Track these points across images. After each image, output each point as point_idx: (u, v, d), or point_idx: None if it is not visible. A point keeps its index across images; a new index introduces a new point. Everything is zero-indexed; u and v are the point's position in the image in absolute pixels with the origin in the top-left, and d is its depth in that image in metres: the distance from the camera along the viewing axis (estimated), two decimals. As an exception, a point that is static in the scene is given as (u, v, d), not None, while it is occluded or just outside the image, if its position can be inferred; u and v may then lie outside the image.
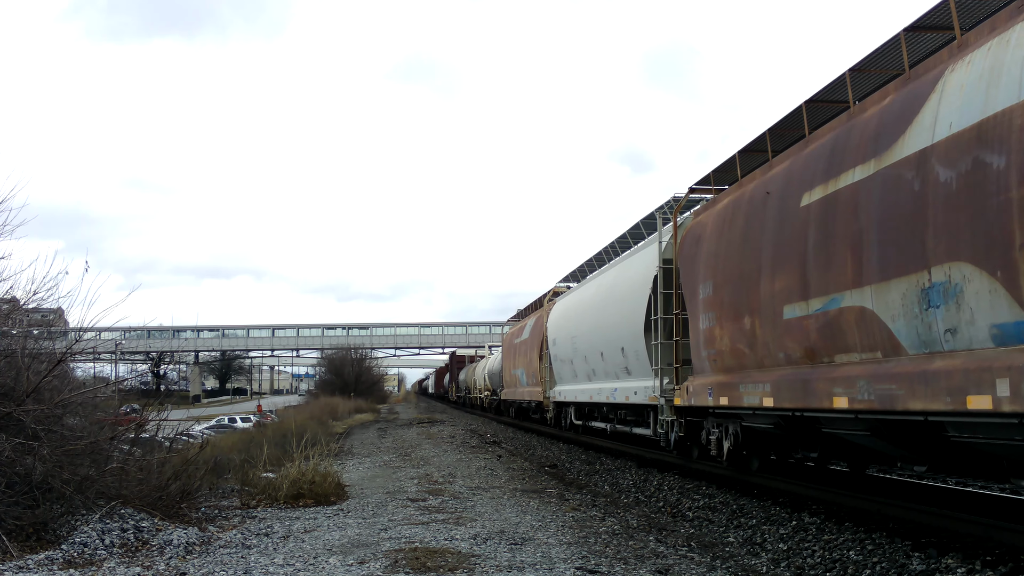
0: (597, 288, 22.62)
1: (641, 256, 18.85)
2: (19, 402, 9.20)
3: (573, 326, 24.56)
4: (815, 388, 9.77)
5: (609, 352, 20.19)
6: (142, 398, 16.23)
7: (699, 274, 13.69)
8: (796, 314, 10.23)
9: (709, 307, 13.14)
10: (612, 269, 22.08)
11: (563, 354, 26.01)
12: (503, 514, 10.68)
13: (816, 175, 10.00)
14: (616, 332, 19.45)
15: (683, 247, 14.79)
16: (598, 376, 21.81)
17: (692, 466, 15.71)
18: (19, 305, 11.86)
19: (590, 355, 22.27)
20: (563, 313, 26.94)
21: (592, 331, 22.00)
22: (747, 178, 12.86)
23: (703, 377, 13.61)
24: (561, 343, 26.25)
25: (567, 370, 25.83)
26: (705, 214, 14.20)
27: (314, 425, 27.75)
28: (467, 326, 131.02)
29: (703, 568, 7.65)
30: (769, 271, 11.04)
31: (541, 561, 7.78)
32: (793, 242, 10.35)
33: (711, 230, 13.44)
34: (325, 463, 13.55)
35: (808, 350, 10.05)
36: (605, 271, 23.34)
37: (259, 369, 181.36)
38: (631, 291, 18.46)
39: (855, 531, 9.44)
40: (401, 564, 7.71)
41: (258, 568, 7.67)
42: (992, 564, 7.54)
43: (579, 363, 23.79)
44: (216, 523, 10.05)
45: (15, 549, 7.88)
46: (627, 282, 19.09)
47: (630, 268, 19.38)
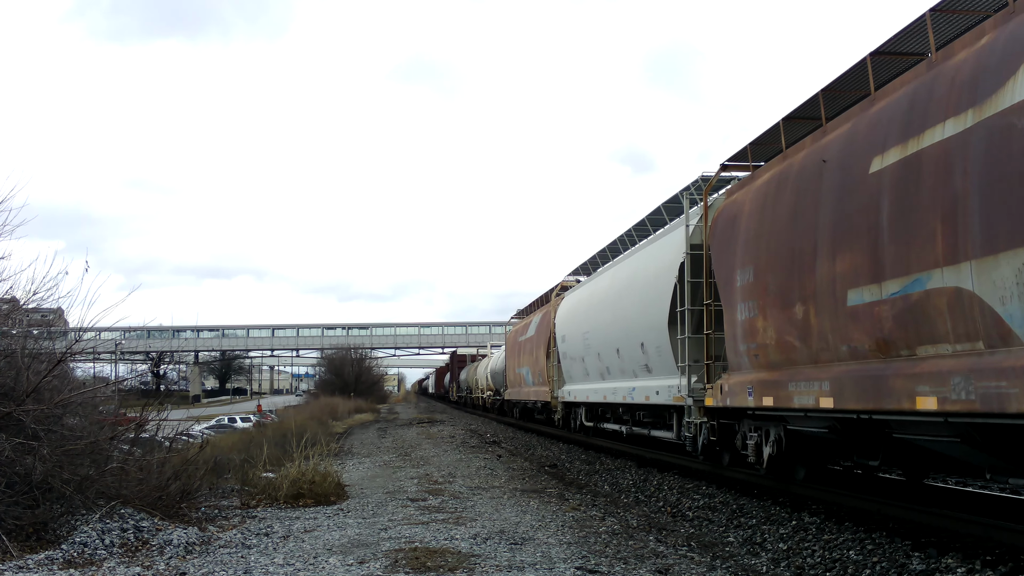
0: (612, 279, 20.76)
1: (665, 242, 16.86)
2: (19, 402, 9.20)
3: (585, 321, 22.89)
4: (890, 386, 8.41)
5: (626, 348, 18.57)
6: (142, 398, 16.22)
7: (736, 259, 12.28)
8: (864, 299, 8.87)
9: (749, 295, 11.78)
10: (630, 258, 19.90)
11: (573, 351, 24.40)
12: (503, 514, 10.68)
13: (889, 135, 8.62)
14: (635, 326, 17.82)
15: (715, 230, 13.33)
16: (613, 375, 20.21)
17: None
18: (19, 305, 11.86)
19: (604, 352, 20.60)
20: (573, 308, 25.18)
21: (607, 326, 20.36)
22: (794, 148, 11.45)
23: (741, 374, 12.26)
24: (571, 340, 24.62)
25: (577, 368, 24.15)
26: (741, 192, 12.79)
27: (314, 425, 27.75)
28: (467, 326, 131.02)
29: (703, 568, 7.65)
30: (828, 251, 9.65)
31: (541, 561, 7.78)
32: (859, 215, 8.97)
33: (750, 209, 12.03)
34: (325, 463, 13.55)
35: (880, 342, 8.65)
36: (621, 261, 21.03)
37: (259, 369, 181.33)
38: (653, 281, 16.77)
39: (855, 531, 9.44)
40: (401, 564, 7.71)
41: (258, 568, 7.67)
42: (992, 564, 7.54)
43: (591, 361, 22.17)
44: (216, 523, 10.05)
45: (15, 549, 7.88)
46: (649, 271, 17.38)
47: (652, 256, 17.56)
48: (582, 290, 25.16)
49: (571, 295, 26.56)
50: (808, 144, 10.98)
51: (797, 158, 11.10)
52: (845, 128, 9.88)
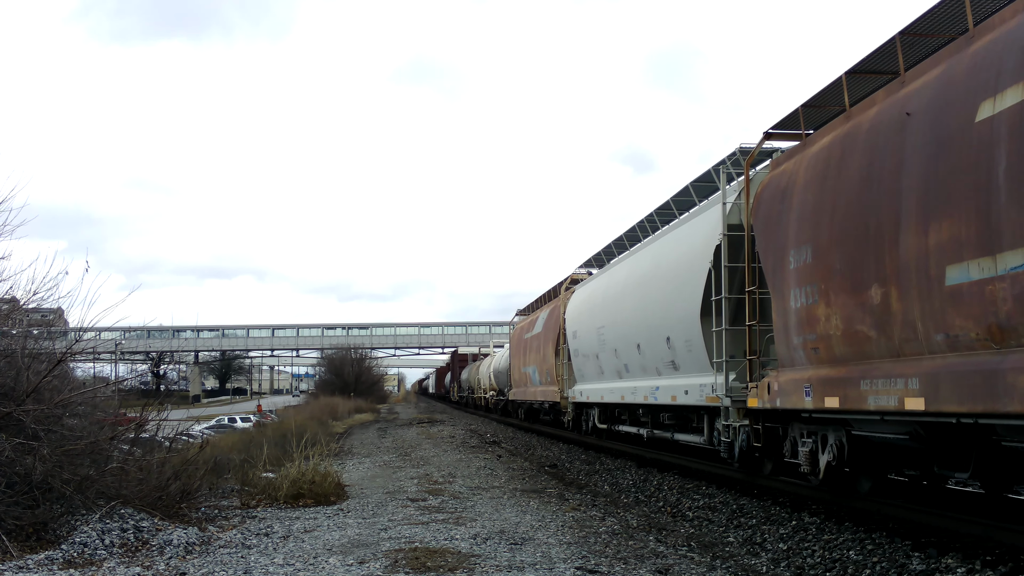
0: (632, 269, 18.89)
1: (696, 224, 15.05)
2: (19, 402, 9.20)
3: (599, 315, 20.95)
4: (1009, 384, 6.88)
5: (649, 344, 16.85)
6: (142, 398, 16.22)
7: (788, 237, 10.64)
8: (971, 276, 7.37)
9: (806, 278, 10.13)
10: (654, 244, 17.98)
11: (586, 348, 22.51)
12: (503, 514, 10.68)
13: (1003, 73, 7.17)
14: (660, 319, 16.03)
15: (760, 206, 11.73)
16: (632, 372, 18.42)
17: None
18: (19, 305, 11.86)
19: (622, 348, 18.81)
20: (586, 301, 23.19)
21: (626, 320, 18.56)
22: (861, 105, 9.84)
23: (795, 371, 10.55)
24: (583, 336, 22.76)
25: (590, 366, 22.29)
26: (792, 162, 11.11)
27: (314, 425, 27.76)
28: (467, 326, 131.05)
29: (703, 568, 7.66)
30: (916, 220, 8.12)
31: (541, 561, 7.78)
32: (961, 174, 7.53)
33: (806, 179, 10.41)
34: (325, 463, 13.55)
35: (993, 328, 7.15)
36: (643, 248, 19.05)
37: (259, 369, 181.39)
38: (682, 268, 14.96)
39: (855, 531, 9.44)
40: (401, 564, 7.71)
41: (258, 568, 7.67)
42: (992, 564, 7.54)
43: (607, 358, 20.29)
44: (216, 523, 10.06)
45: (15, 549, 7.88)
46: (677, 257, 15.54)
47: (681, 240, 15.74)
48: (596, 282, 23.05)
49: (583, 288, 24.68)
50: (881, 98, 9.37)
51: (867, 116, 9.47)
52: (935, 73, 8.31)
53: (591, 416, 23.63)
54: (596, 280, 23.25)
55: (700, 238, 14.31)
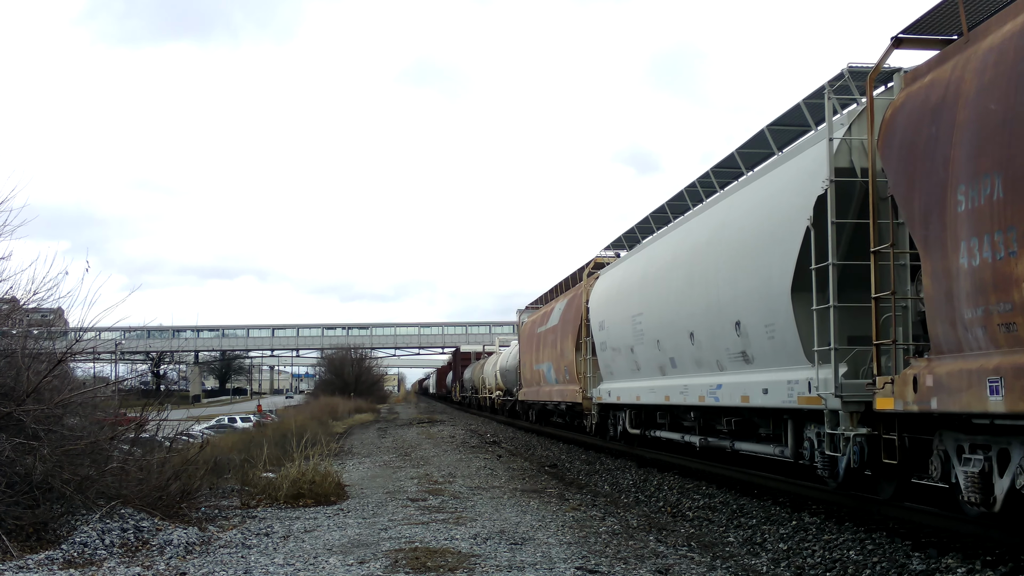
0: (681, 242, 15.55)
1: (784, 173, 11.73)
2: (19, 402, 9.20)
3: (635, 301, 17.70)
4: None
5: (708, 331, 13.64)
6: (142, 398, 16.23)
7: (952, 168, 7.94)
8: None
9: (994, 221, 7.27)
10: (714, 208, 14.40)
11: (616, 341, 19.23)
12: (503, 514, 10.69)
13: None
14: (726, 299, 12.83)
15: (894, 135, 8.90)
16: (682, 368, 15.23)
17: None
18: (19, 305, 11.86)
19: (667, 339, 15.73)
20: (616, 287, 19.82)
21: (672, 304, 15.33)
22: None
23: (966, 358, 7.63)
24: (613, 326, 19.46)
25: (622, 362, 18.96)
26: (947, 67, 8.33)
27: (314, 425, 27.76)
28: (467, 326, 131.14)
29: (703, 568, 7.66)
30: None
31: (541, 561, 7.78)
32: None
33: (981, 85, 7.72)
34: (325, 463, 13.55)
35: None
36: (695, 216, 15.42)
37: (259, 369, 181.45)
38: (763, 231, 11.82)
39: (855, 531, 9.44)
40: (401, 564, 7.71)
41: (258, 568, 7.67)
42: (992, 564, 7.54)
43: (645, 351, 17.14)
44: (216, 523, 10.06)
45: (15, 549, 7.88)
46: (754, 219, 12.26)
47: (759, 196, 12.35)
48: (628, 264, 19.55)
49: (611, 272, 21.12)
50: None
51: None
52: None
53: (620, 420, 20.14)
54: (628, 261, 19.75)
55: (791, 190, 11.17)
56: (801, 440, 11.40)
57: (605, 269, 22.20)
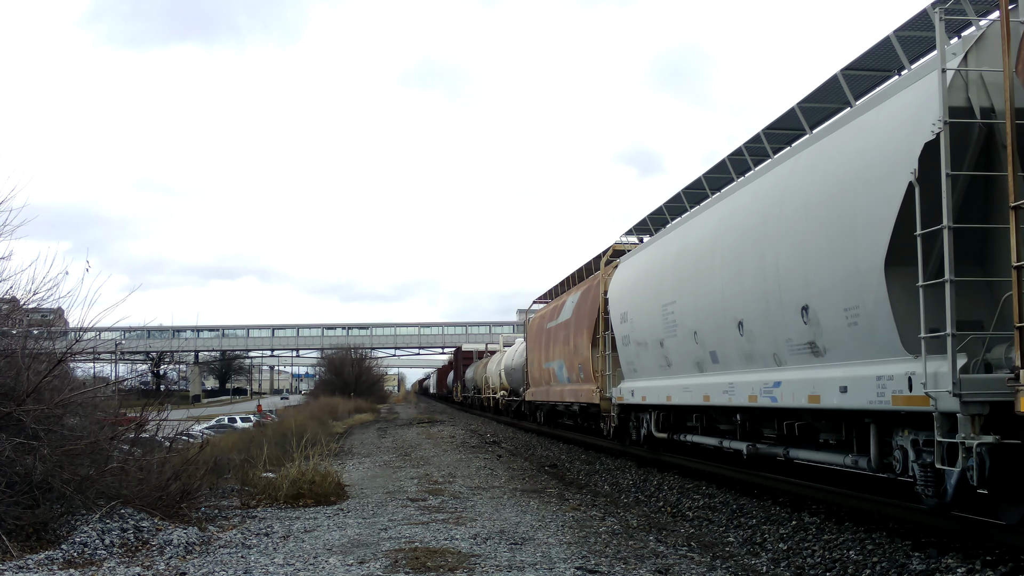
0: (726, 218, 12.99)
1: (875, 119, 9.34)
2: (19, 402, 9.20)
3: (666, 288, 15.37)
4: None
5: (762, 320, 11.42)
6: (142, 398, 16.24)
7: None
8: None
9: None
10: (771, 174, 11.84)
11: (642, 334, 16.94)
12: (503, 514, 10.69)
13: None
14: (789, 281, 10.59)
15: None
16: (726, 362, 12.96)
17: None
18: (19, 305, 11.86)
19: (708, 330, 13.41)
20: (640, 274, 17.55)
21: (715, 290, 12.96)
22: None
23: None
24: (638, 318, 17.14)
25: (649, 358, 16.73)
26: None
27: (314, 425, 27.77)
28: (467, 326, 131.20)
29: (703, 568, 7.66)
30: None
31: (541, 561, 7.78)
32: None
33: None
34: (325, 463, 13.56)
35: None
36: (747, 184, 12.74)
37: (259, 369, 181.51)
38: (845, 194, 9.47)
39: (855, 531, 9.43)
40: (401, 564, 7.71)
41: (258, 568, 7.67)
42: (992, 564, 7.54)
43: (679, 345, 14.78)
44: (216, 523, 10.06)
45: (15, 549, 7.89)
46: (830, 181, 9.89)
47: (837, 152, 9.97)
48: (657, 247, 17.09)
49: (634, 259, 18.70)
50: None
51: None
52: None
53: (645, 422, 17.86)
54: (657, 244, 17.23)
55: (885, 141, 9.07)
56: (887, 448, 9.31)
57: (626, 256, 19.55)
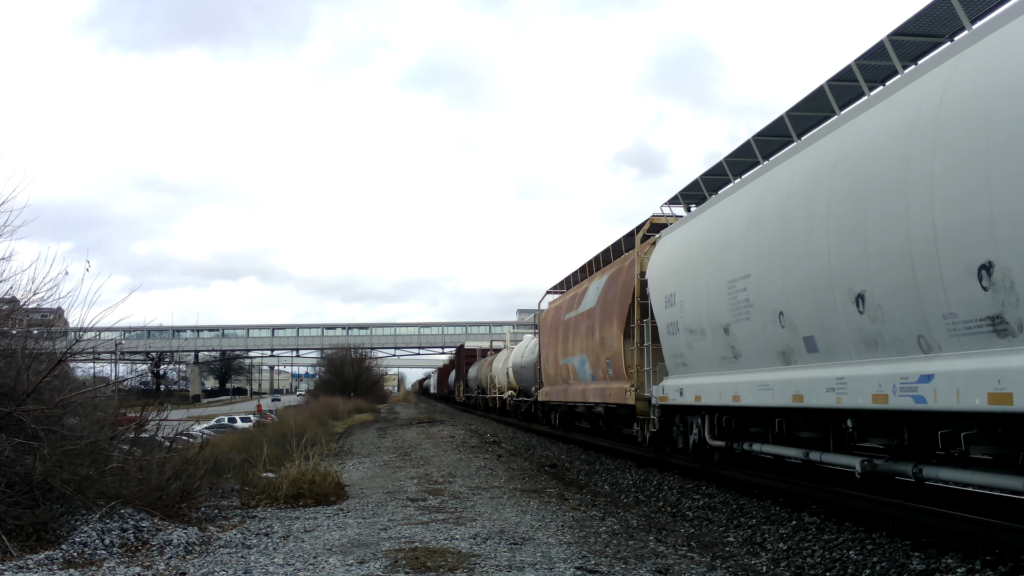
0: (838, 157, 9.79)
1: None
2: (19, 402, 9.20)
3: (735, 260, 12.29)
4: None
5: (899, 289, 8.50)
6: (142, 398, 16.24)
7: None
8: None
9: None
10: (908, 90, 8.81)
11: (695, 319, 13.98)
12: (503, 514, 10.69)
13: None
14: (952, 230, 7.66)
15: None
16: (832, 350, 10.00)
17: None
18: (19, 305, 11.86)
19: (801, 308, 10.49)
20: (694, 247, 14.37)
21: (816, 254, 10.01)
22: None
23: None
24: (690, 300, 14.15)
25: (706, 348, 13.71)
26: None
27: (314, 425, 27.78)
28: (467, 325, 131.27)
29: (703, 568, 7.66)
30: None
31: (541, 561, 7.78)
32: None
33: None
34: (325, 463, 13.56)
35: None
36: (867, 111, 9.60)
37: (259, 369, 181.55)
38: None
39: (855, 531, 9.44)
40: (401, 564, 7.71)
41: (258, 568, 7.67)
42: (992, 564, 7.54)
43: (752, 330, 11.88)
44: (216, 523, 10.06)
45: (15, 549, 7.89)
46: None
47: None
48: (716, 213, 13.77)
49: (683, 229, 15.37)
50: None
51: None
52: None
53: (695, 427, 15.05)
54: (716, 210, 13.88)
55: None
56: None
57: (670, 228, 16.35)
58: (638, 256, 18.02)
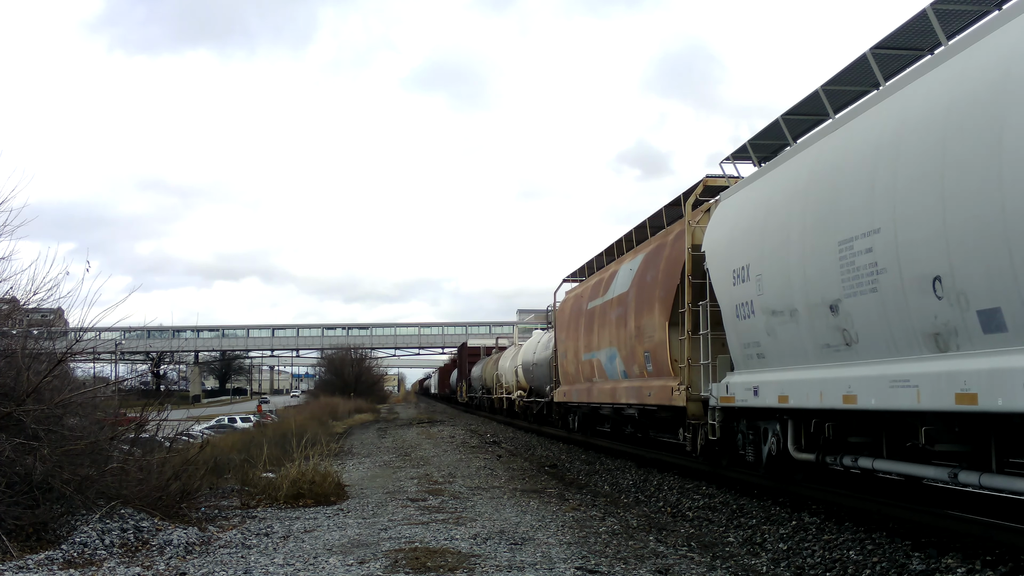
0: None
1: None
2: (19, 402, 9.21)
3: (852, 213, 9.24)
4: None
5: None
6: (142, 398, 16.25)
7: None
8: None
9: None
10: None
11: (779, 298, 11.00)
12: (503, 514, 10.69)
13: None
14: None
15: None
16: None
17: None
18: (19, 305, 11.87)
19: (974, 274, 7.45)
20: (782, 202, 11.17)
21: (1002, 195, 6.97)
22: None
23: None
24: (774, 274, 11.15)
25: (799, 333, 10.65)
26: None
27: (314, 425, 27.78)
28: (467, 326, 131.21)
29: (703, 568, 7.66)
30: None
31: (541, 561, 7.78)
32: None
33: None
34: (325, 463, 13.57)
35: None
36: None
37: (259, 369, 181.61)
38: None
39: (855, 531, 9.44)
40: (401, 564, 7.71)
41: (258, 568, 7.67)
42: (992, 564, 7.54)
43: (881, 307, 8.85)
44: (216, 523, 10.06)
45: (15, 549, 7.89)
46: None
47: None
48: (817, 153, 10.56)
49: (763, 184, 12.14)
50: None
51: None
52: None
53: (771, 436, 12.14)
54: (807, 155, 10.80)
55: None
56: None
57: (735, 188, 13.29)
58: (688, 226, 14.86)
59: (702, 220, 14.67)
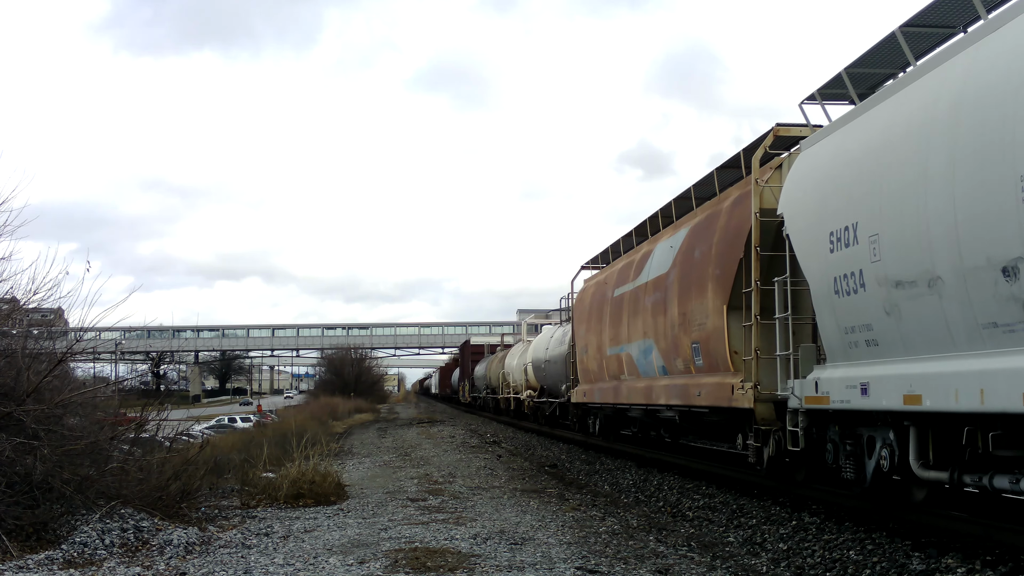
0: None
1: None
2: (19, 402, 9.21)
3: None
4: None
5: None
6: (142, 398, 16.25)
7: None
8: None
9: None
10: None
11: (909, 264, 8.11)
12: (503, 514, 10.69)
13: None
14: None
15: None
16: None
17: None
18: (19, 305, 11.87)
19: None
20: (900, 143, 8.37)
21: None
22: None
23: None
24: (900, 231, 8.25)
25: (934, 312, 7.86)
26: None
27: (314, 425, 27.77)
28: (467, 325, 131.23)
29: (703, 568, 7.66)
30: None
31: (541, 561, 7.78)
32: None
33: None
34: (325, 463, 13.57)
35: None
36: None
37: (259, 369, 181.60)
38: None
39: (855, 531, 9.44)
40: (401, 564, 7.72)
41: (258, 568, 7.67)
42: (992, 564, 7.54)
43: None
44: (216, 523, 10.06)
45: (15, 549, 7.89)
46: None
47: None
48: (959, 68, 7.72)
49: (867, 121, 9.37)
50: None
51: None
52: None
53: (879, 448, 9.44)
54: (940, 73, 8.06)
55: None
56: None
57: (826, 131, 10.44)
58: (756, 186, 12.05)
59: (772, 178, 12.07)
